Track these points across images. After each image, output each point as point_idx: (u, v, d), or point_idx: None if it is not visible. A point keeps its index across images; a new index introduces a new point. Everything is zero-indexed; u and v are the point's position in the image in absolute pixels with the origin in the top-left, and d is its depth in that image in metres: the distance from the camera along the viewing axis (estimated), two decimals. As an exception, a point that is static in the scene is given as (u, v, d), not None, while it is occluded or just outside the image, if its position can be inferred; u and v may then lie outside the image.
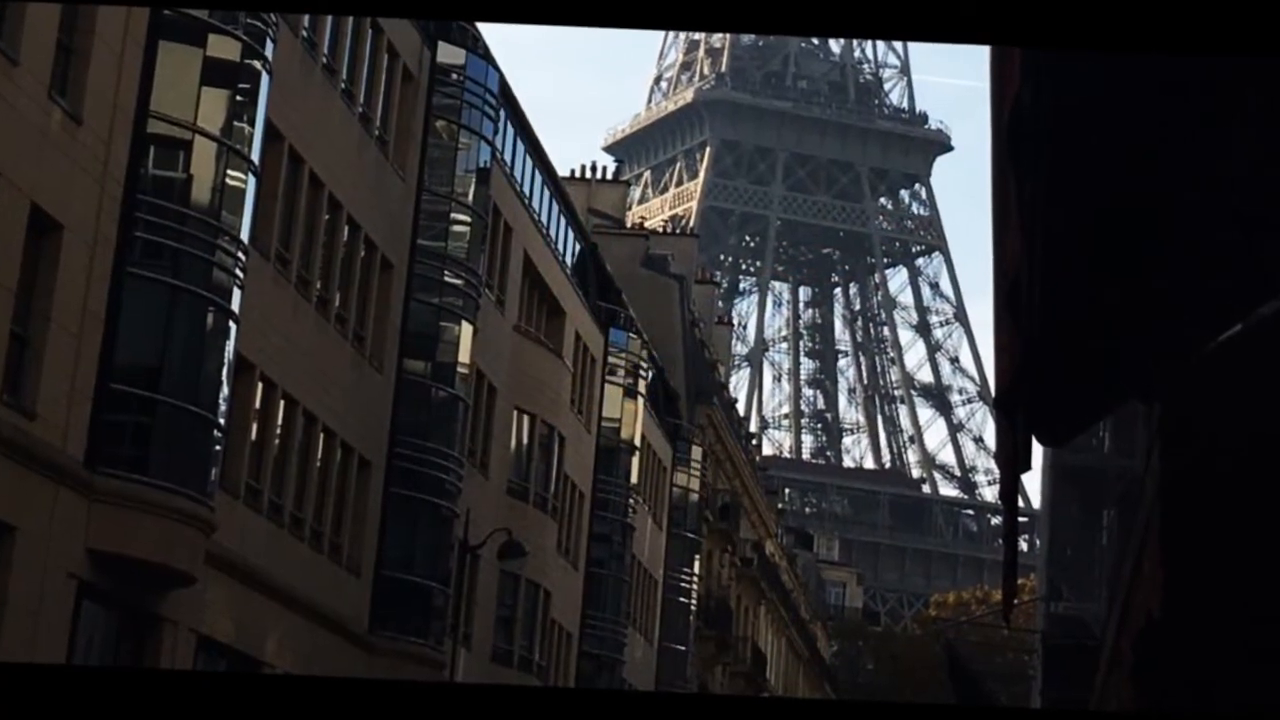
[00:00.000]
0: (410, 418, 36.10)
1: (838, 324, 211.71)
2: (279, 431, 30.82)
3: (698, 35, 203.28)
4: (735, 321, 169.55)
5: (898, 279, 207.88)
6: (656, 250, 69.49)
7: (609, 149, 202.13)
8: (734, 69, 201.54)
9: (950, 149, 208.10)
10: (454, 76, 37.69)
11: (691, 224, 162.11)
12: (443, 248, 37.19)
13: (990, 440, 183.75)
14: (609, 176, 70.82)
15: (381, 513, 35.32)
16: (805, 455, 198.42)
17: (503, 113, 40.28)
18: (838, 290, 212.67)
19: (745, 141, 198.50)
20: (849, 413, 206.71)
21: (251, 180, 26.83)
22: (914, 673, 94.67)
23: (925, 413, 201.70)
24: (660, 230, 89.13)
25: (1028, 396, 7.42)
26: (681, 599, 63.13)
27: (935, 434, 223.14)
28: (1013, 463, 7.61)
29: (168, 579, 25.49)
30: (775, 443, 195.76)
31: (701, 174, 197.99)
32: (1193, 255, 7.13)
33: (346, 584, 33.88)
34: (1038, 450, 8.93)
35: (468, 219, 37.75)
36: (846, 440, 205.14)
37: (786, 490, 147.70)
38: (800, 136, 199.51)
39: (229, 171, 26.32)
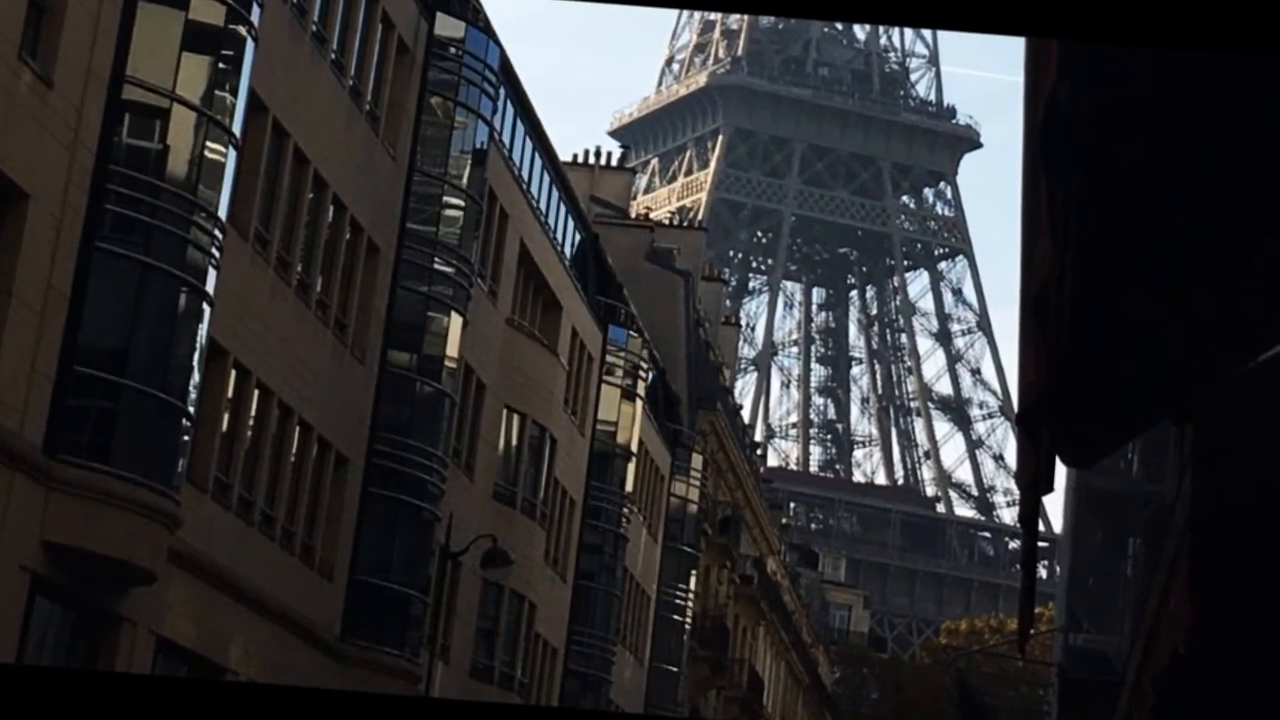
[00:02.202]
0: (392, 413, 36.09)
1: (852, 329, 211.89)
2: (252, 423, 30.83)
3: (713, 15, 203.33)
4: (743, 322, 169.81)
5: (918, 283, 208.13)
6: (661, 243, 69.49)
7: (615, 134, 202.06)
8: (751, 53, 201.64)
9: (979, 146, 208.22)
10: (452, 50, 37.69)
11: (700, 216, 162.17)
12: (433, 233, 37.19)
13: (1011, 459, 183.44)
14: (614, 163, 70.80)
15: (358, 514, 35.33)
16: (813, 468, 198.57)
17: (503, 91, 40.27)
18: (854, 293, 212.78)
19: (760, 130, 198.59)
20: (861, 424, 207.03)
21: (232, 154, 26.82)
22: (921, 704, 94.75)
23: (942, 427, 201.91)
24: (666, 222, 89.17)
25: (1053, 414, 7.42)
26: (675, 617, 63.13)
27: (952, 450, 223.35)
28: (1034, 484, 7.61)
29: (128, 576, 25.49)
30: (781, 453, 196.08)
31: (712, 164, 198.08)
32: (1234, 269, 7.13)
33: (318, 588, 33.89)
34: (1061, 471, 8.91)
35: (461, 203, 37.76)
36: (857, 453, 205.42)
37: (791, 505, 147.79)
38: (819, 127, 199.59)
39: (208, 143, 26.31)
